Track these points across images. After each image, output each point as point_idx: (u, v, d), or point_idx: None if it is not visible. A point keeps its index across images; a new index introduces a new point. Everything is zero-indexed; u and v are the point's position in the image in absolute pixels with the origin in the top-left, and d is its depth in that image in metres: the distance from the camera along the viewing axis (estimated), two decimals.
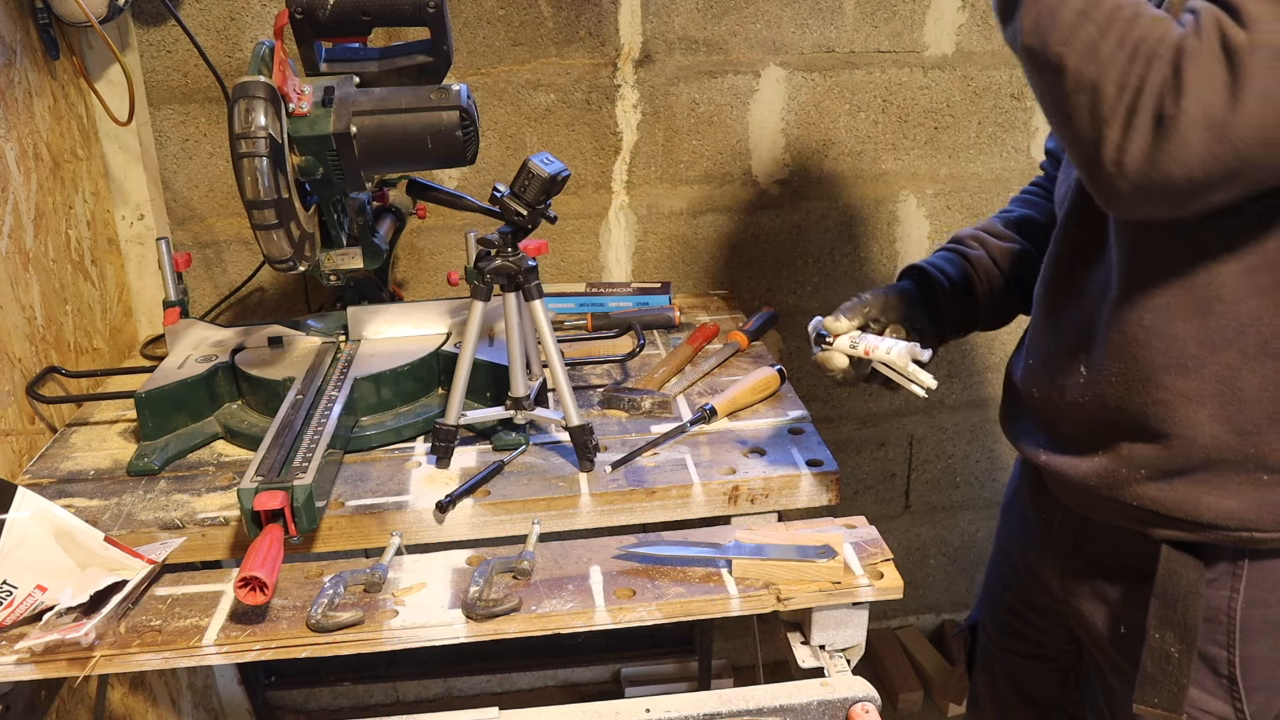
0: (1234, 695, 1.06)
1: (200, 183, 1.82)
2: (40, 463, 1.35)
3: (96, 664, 0.99)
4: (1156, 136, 0.80)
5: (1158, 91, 0.80)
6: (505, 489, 1.24)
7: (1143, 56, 0.81)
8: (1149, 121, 0.81)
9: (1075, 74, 0.84)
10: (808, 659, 1.13)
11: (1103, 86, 0.83)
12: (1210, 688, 1.06)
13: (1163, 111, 0.80)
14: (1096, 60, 0.83)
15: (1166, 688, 1.03)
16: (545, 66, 1.83)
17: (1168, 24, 0.82)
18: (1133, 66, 0.81)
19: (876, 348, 1.13)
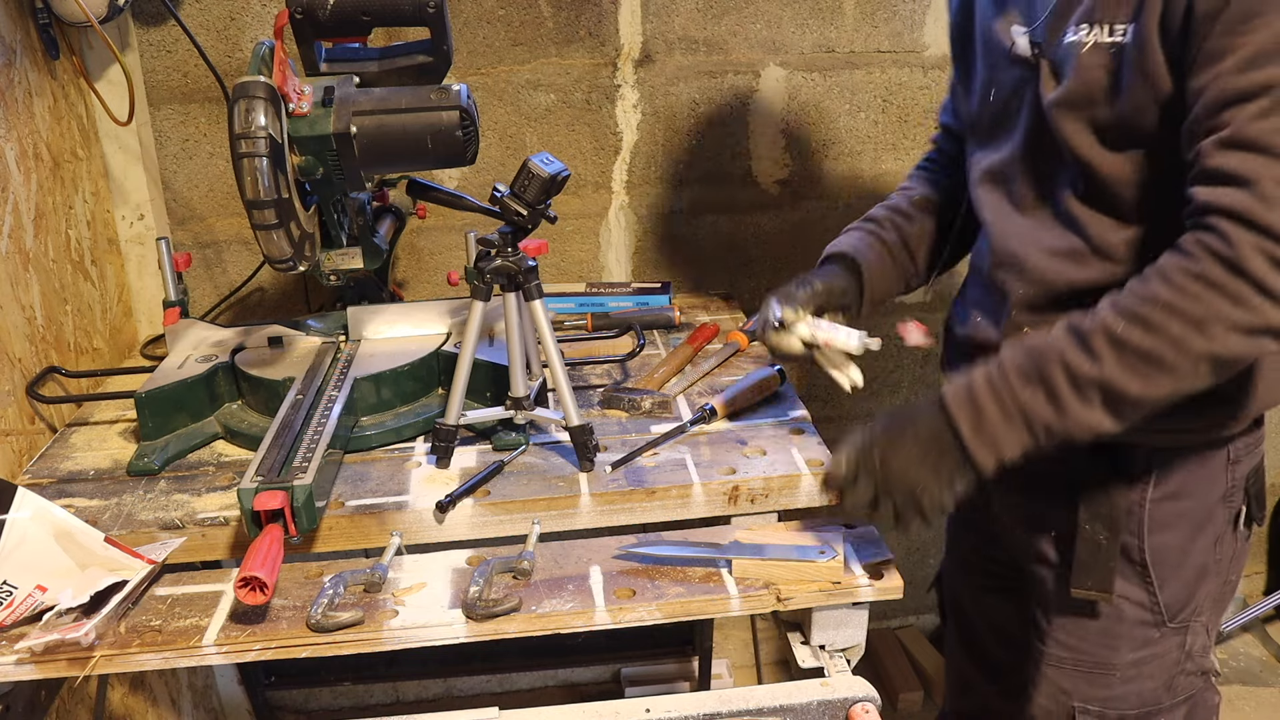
0: (1146, 580, 1.18)
1: (200, 183, 1.82)
2: (40, 463, 1.35)
3: (96, 664, 0.99)
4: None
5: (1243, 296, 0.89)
6: (505, 489, 1.24)
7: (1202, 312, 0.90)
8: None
9: (1207, 358, 0.92)
10: (808, 659, 1.13)
11: (1226, 348, 0.91)
12: (1127, 574, 1.18)
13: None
14: (1191, 350, 0.92)
15: (1097, 571, 1.15)
16: (545, 66, 1.83)
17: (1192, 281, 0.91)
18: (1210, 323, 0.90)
19: (834, 338, 1.18)
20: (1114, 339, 0.93)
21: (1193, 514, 1.16)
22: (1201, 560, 1.18)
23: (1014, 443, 0.98)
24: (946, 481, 1.01)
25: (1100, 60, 0.99)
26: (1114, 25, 0.98)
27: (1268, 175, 0.87)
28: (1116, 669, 1.22)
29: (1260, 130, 0.88)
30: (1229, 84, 0.89)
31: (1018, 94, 1.12)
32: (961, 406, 1.00)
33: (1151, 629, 1.20)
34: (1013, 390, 0.98)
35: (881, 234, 1.33)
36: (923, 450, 1.01)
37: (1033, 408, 0.96)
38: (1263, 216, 0.87)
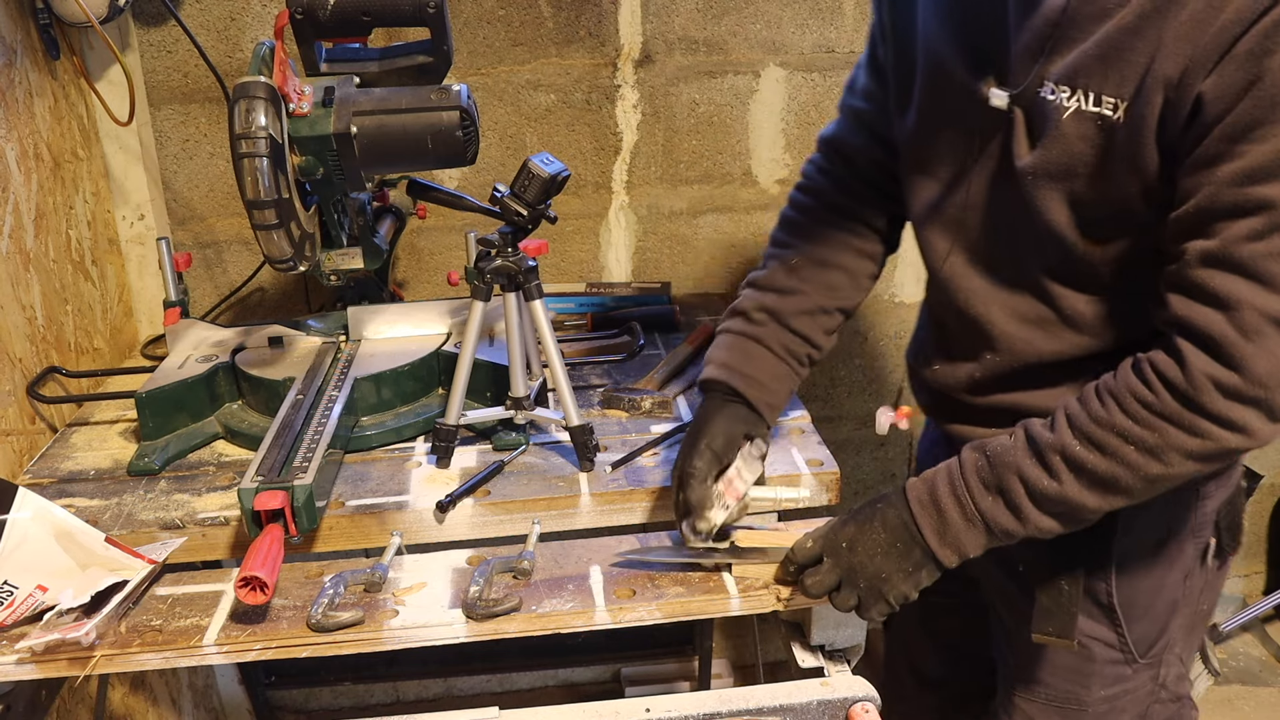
0: (1114, 622, 1.16)
1: (201, 183, 1.82)
2: (41, 463, 1.35)
3: (97, 664, 0.99)
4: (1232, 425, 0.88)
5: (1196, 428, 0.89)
6: (505, 489, 1.24)
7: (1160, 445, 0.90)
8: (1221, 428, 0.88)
9: (1157, 480, 0.93)
10: (808, 659, 1.13)
11: (1177, 469, 0.91)
12: (1095, 616, 1.17)
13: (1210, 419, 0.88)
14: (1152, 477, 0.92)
15: (1059, 618, 1.12)
16: (545, 67, 1.83)
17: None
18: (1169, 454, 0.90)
19: (736, 488, 1.11)
20: (1070, 460, 0.93)
21: (1161, 554, 1.15)
22: (1171, 597, 1.17)
23: (976, 544, 1.00)
24: (910, 573, 1.01)
25: (1084, 132, 0.92)
26: (1101, 95, 0.90)
27: (1249, 303, 0.84)
28: (1089, 705, 1.21)
29: (1251, 253, 0.84)
30: (1224, 195, 0.84)
31: (980, 139, 1.03)
32: (924, 509, 1.01)
33: (1123, 666, 1.19)
34: (974, 497, 0.98)
35: (759, 334, 1.20)
36: (889, 541, 1.01)
37: (993, 515, 0.98)
38: (1234, 346, 0.85)
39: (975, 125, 1.03)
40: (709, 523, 1.09)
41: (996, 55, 0.99)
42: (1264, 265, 0.83)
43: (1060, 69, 0.92)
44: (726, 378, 1.17)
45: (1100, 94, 0.90)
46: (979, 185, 1.05)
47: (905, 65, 1.11)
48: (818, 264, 1.22)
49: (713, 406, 1.17)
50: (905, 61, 1.11)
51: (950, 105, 1.05)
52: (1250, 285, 0.84)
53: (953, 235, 1.10)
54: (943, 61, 1.05)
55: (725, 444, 1.12)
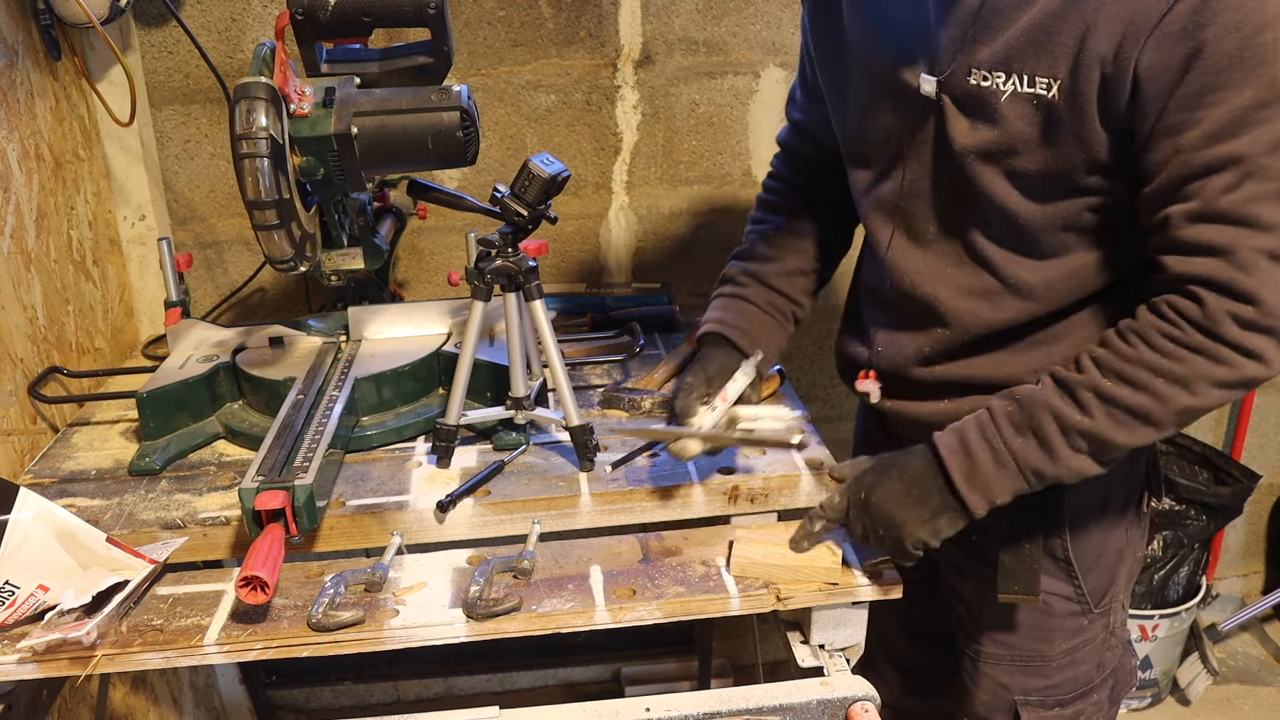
0: (1071, 575, 1.23)
1: (201, 183, 1.83)
2: (42, 462, 1.35)
3: (98, 663, 1.00)
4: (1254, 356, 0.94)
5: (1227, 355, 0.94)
6: (505, 489, 1.24)
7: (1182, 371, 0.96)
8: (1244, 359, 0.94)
9: (1189, 410, 0.98)
10: (807, 658, 1.14)
11: (1205, 397, 0.96)
12: (1053, 572, 1.23)
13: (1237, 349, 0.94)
14: (1177, 402, 0.97)
15: (1024, 575, 1.19)
16: (545, 67, 1.83)
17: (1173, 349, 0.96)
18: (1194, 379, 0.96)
19: (728, 391, 1.20)
20: (1102, 394, 0.98)
21: (1106, 507, 1.22)
22: (1117, 546, 1.25)
23: (1006, 488, 1.03)
24: (928, 521, 1.05)
25: (1024, 112, 0.99)
26: (1035, 77, 0.97)
27: (1243, 244, 0.91)
28: (1053, 659, 1.28)
29: (1231, 203, 0.91)
30: (1193, 159, 0.92)
31: (913, 127, 1.10)
32: (954, 454, 1.04)
33: (1080, 618, 1.26)
34: (1004, 438, 1.02)
35: (745, 294, 1.33)
36: (906, 488, 1.06)
37: (1025, 454, 1.01)
38: (1239, 283, 0.91)
39: (907, 114, 1.10)
40: (697, 421, 1.19)
41: (923, 46, 1.06)
42: (1246, 209, 0.90)
43: (990, 55, 0.99)
44: (720, 329, 1.30)
45: (1034, 75, 0.97)
46: (916, 170, 1.12)
47: (837, 70, 1.19)
48: (791, 233, 1.35)
49: (708, 349, 1.30)
50: (836, 67, 1.19)
51: (883, 98, 1.12)
52: (1238, 230, 0.91)
53: (894, 220, 1.17)
54: (872, 59, 1.13)
55: (718, 370, 1.25)
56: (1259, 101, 0.88)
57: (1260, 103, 0.88)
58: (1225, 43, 0.87)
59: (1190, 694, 2.31)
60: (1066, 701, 1.30)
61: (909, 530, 1.05)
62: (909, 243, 1.16)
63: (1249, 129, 0.89)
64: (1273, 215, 0.90)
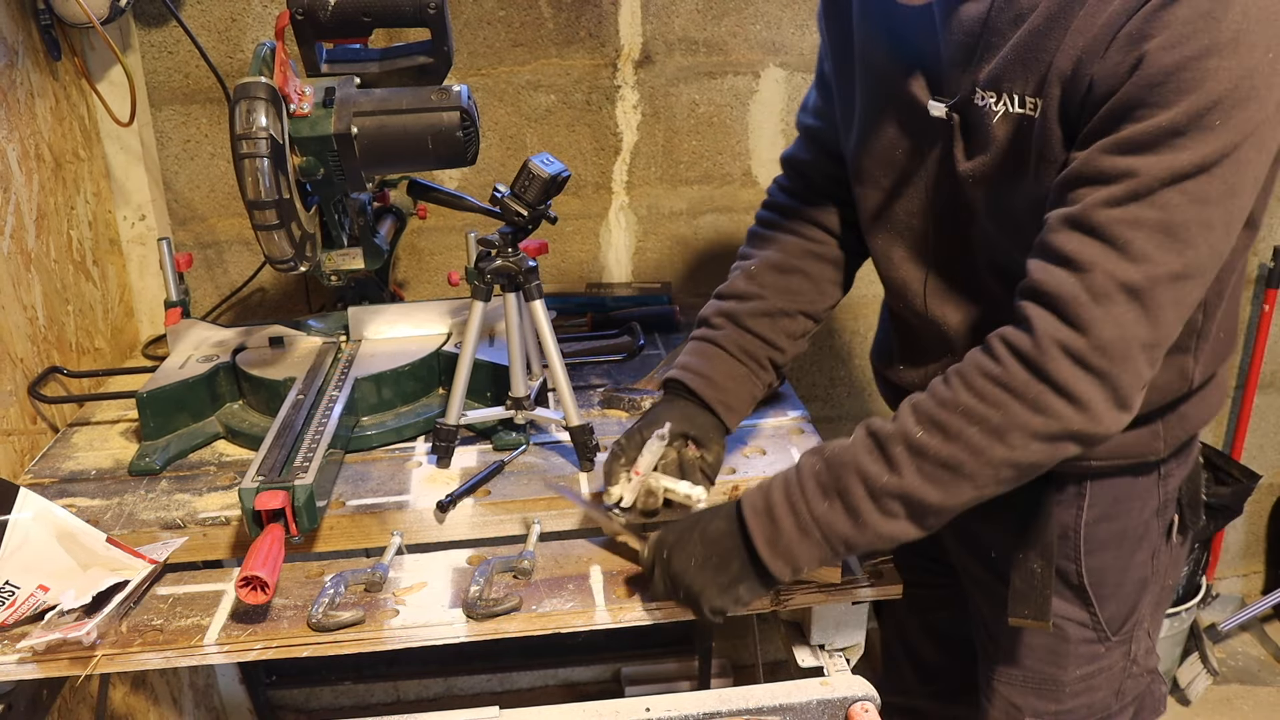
0: (1086, 601, 1.18)
1: (201, 183, 1.83)
2: (42, 462, 1.35)
3: (98, 663, 1.00)
4: (1082, 409, 0.87)
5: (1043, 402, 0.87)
6: (505, 489, 1.24)
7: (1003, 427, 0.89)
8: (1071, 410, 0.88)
9: (997, 475, 0.91)
10: (807, 658, 1.14)
11: (1023, 459, 0.90)
12: (1067, 597, 1.18)
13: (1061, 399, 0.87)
14: (994, 463, 0.90)
15: (1034, 600, 1.13)
16: (545, 67, 1.83)
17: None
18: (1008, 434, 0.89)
19: (641, 464, 1.13)
20: (912, 446, 0.91)
21: (1128, 532, 1.16)
22: (1140, 575, 1.18)
23: (810, 556, 0.96)
24: (725, 587, 0.98)
25: (1010, 133, 0.94)
26: (1024, 97, 0.92)
27: (1101, 267, 0.84)
28: (1065, 684, 1.22)
29: (1108, 218, 0.84)
30: (1093, 161, 0.86)
31: (921, 146, 1.05)
32: (757, 518, 0.97)
33: (1096, 645, 1.21)
34: (809, 504, 0.95)
35: (717, 337, 1.22)
36: (705, 554, 0.99)
37: (829, 521, 0.94)
38: (1083, 308, 0.85)
39: (916, 135, 1.05)
40: (612, 496, 1.13)
41: (931, 67, 1.01)
42: (1118, 231, 0.84)
43: (986, 75, 0.95)
44: (681, 376, 1.20)
45: (1023, 95, 0.92)
46: (924, 192, 1.07)
47: (847, 82, 1.14)
48: (776, 269, 1.23)
49: (664, 401, 1.22)
50: (846, 78, 1.14)
51: (891, 117, 1.07)
52: (1103, 249, 0.84)
53: (903, 242, 1.13)
54: (881, 75, 1.07)
55: (642, 426, 1.16)
56: (1178, 126, 0.81)
57: (1179, 128, 0.81)
58: (1166, 57, 0.81)
59: (1190, 694, 2.31)
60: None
61: (706, 598, 0.98)
62: (917, 266, 1.12)
63: (1157, 150, 0.82)
64: (1144, 246, 0.83)
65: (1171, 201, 0.83)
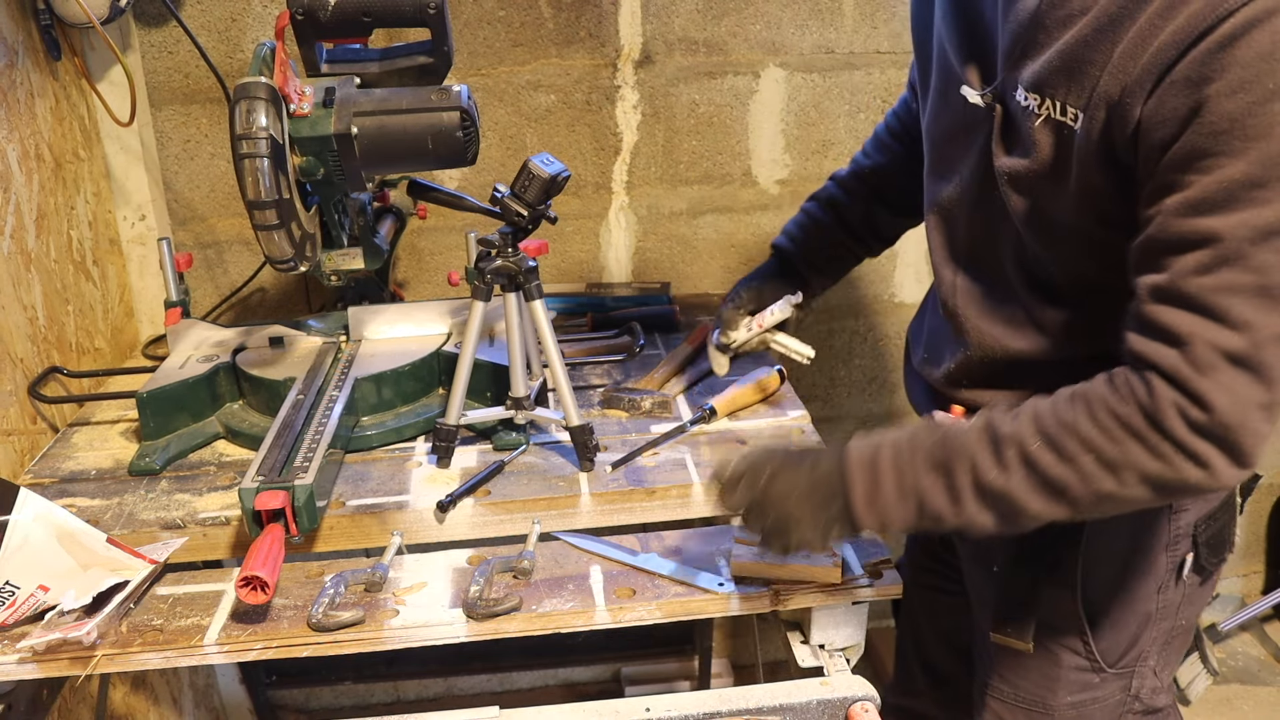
0: (1081, 629, 1.16)
1: (201, 183, 1.83)
2: (42, 462, 1.35)
3: (98, 663, 1.00)
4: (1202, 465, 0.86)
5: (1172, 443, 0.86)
6: (505, 489, 1.24)
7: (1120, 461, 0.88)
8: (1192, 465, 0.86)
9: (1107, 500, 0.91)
10: (807, 658, 1.14)
11: (1131, 494, 0.89)
12: (1062, 623, 1.16)
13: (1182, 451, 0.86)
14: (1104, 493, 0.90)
15: (1017, 620, 1.13)
16: (545, 67, 1.83)
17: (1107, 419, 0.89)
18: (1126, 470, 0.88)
19: (765, 319, 1.32)
20: (1026, 457, 0.91)
21: (1130, 564, 1.13)
22: (1143, 609, 1.15)
23: (902, 520, 0.96)
24: (821, 525, 0.98)
25: (1051, 140, 0.93)
26: (1065, 105, 0.90)
27: (1200, 338, 0.83)
28: (1056, 710, 1.21)
29: (1199, 287, 0.83)
30: (1171, 227, 0.83)
31: (969, 132, 1.06)
32: (862, 469, 0.97)
33: (1090, 674, 1.18)
34: (916, 473, 0.95)
35: (823, 218, 1.37)
36: (810, 488, 0.98)
37: (930, 496, 0.94)
38: (1190, 381, 0.84)
39: (966, 117, 1.05)
40: (729, 338, 1.32)
41: (986, 55, 1.00)
42: (1212, 299, 0.82)
43: (1030, 75, 0.93)
44: (777, 243, 1.38)
45: (1065, 104, 0.90)
46: (967, 182, 1.07)
47: (924, 64, 1.15)
48: (889, 173, 1.36)
49: (766, 263, 1.38)
50: (924, 61, 1.15)
51: (950, 103, 1.07)
52: (1199, 320, 0.83)
53: (944, 230, 1.13)
54: (947, 60, 1.07)
55: (761, 284, 1.32)
56: (1253, 179, 0.78)
57: (1254, 180, 0.78)
58: (1229, 103, 0.77)
59: (1190, 694, 2.31)
60: None
61: (800, 529, 0.98)
62: (949, 255, 1.12)
63: (1236, 207, 0.79)
64: (1242, 312, 0.81)
65: (1263, 261, 0.80)
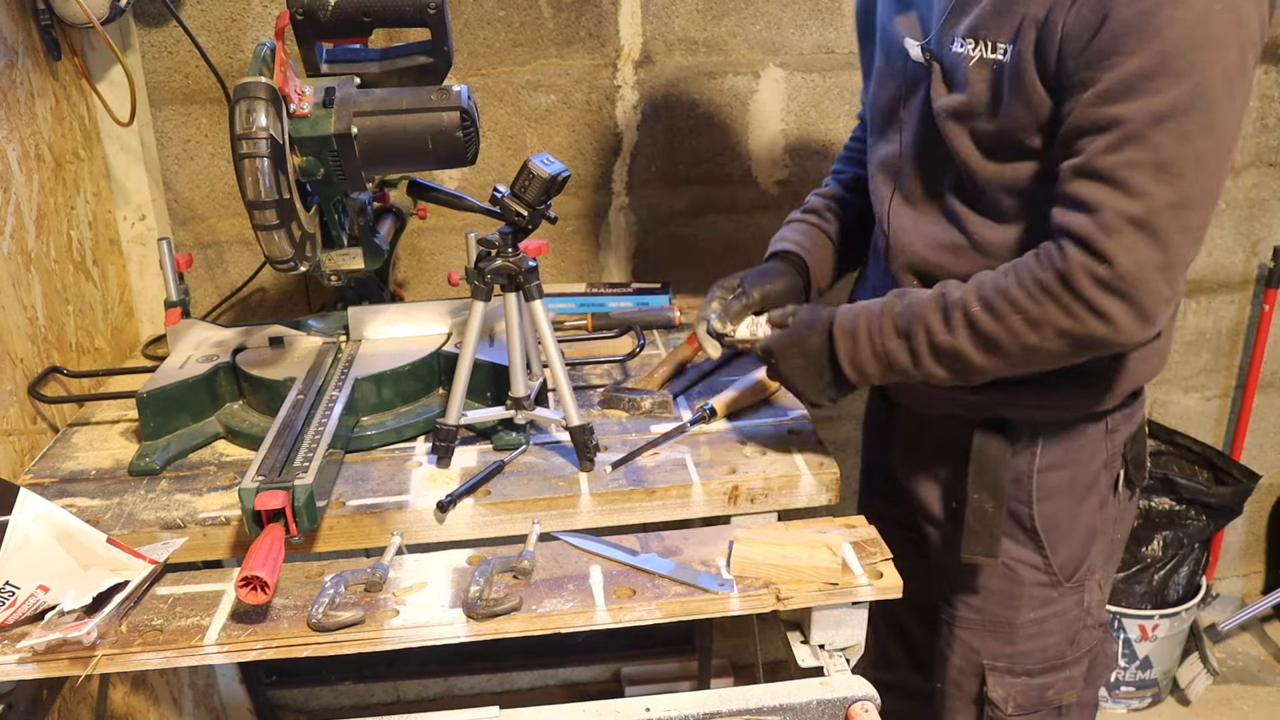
0: (1039, 545, 1.29)
1: (201, 183, 1.83)
2: (42, 462, 1.35)
3: (98, 663, 1.00)
4: (1107, 315, 1.01)
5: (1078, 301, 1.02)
6: (505, 489, 1.24)
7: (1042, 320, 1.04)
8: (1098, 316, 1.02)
9: (1032, 356, 1.08)
10: (807, 658, 1.14)
11: (1050, 346, 1.06)
12: (1021, 540, 1.29)
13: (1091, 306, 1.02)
14: (1028, 349, 1.06)
15: (984, 538, 1.25)
16: (545, 67, 1.83)
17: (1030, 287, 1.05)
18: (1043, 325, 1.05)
19: (749, 342, 1.31)
20: (969, 318, 1.07)
21: (1077, 481, 1.26)
22: (1089, 523, 1.29)
23: (876, 375, 1.17)
24: (820, 389, 1.22)
25: (984, 76, 1.07)
26: (995, 43, 1.05)
27: (1108, 205, 0.98)
28: (1019, 627, 1.32)
29: (1109, 163, 0.97)
30: (1085, 115, 0.99)
31: (910, 91, 1.20)
32: (844, 338, 1.17)
33: (1049, 589, 1.30)
34: (884, 337, 1.14)
35: (823, 225, 1.43)
36: (805, 364, 1.21)
37: (895, 355, 1.14)
38: (1098, 242, 0.98)
39: (905, 79, 1.21)
40: (728, 329, 1.31)
41: (921, 14, 1.18)
42: (1119, 173, 0.97)
43: (966, 25, 1.08)
44: (786, 246, 1.42)
45: (995, 42, 1.05)
46: (909, 132, 1.22)
47: (868, 41, 1.31)
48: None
49: (774, 264, 1.42)
50: (868, 38, 1.31)
51: (890, 63, 1.23)
52: (1108, 190, 0.98)
53: (891, 180, 1.26)
54: (887, 28, 1.23)
55: (762, 297, 1.34)
56: (1147, 71, 0.94)
57: (1148, 72, 0.94)
58: (1127, 10, 0.93)
59: (1190, 694, 2.31)
60: (1035, 672, 1.33)
61: (809, 395, 1.23)
62: (902, 201, 1.25)
63: (1135, 96, 0.95)
64: (1143, 183, 0.96)
65: (1159, 141, 0.95)
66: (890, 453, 1.42)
